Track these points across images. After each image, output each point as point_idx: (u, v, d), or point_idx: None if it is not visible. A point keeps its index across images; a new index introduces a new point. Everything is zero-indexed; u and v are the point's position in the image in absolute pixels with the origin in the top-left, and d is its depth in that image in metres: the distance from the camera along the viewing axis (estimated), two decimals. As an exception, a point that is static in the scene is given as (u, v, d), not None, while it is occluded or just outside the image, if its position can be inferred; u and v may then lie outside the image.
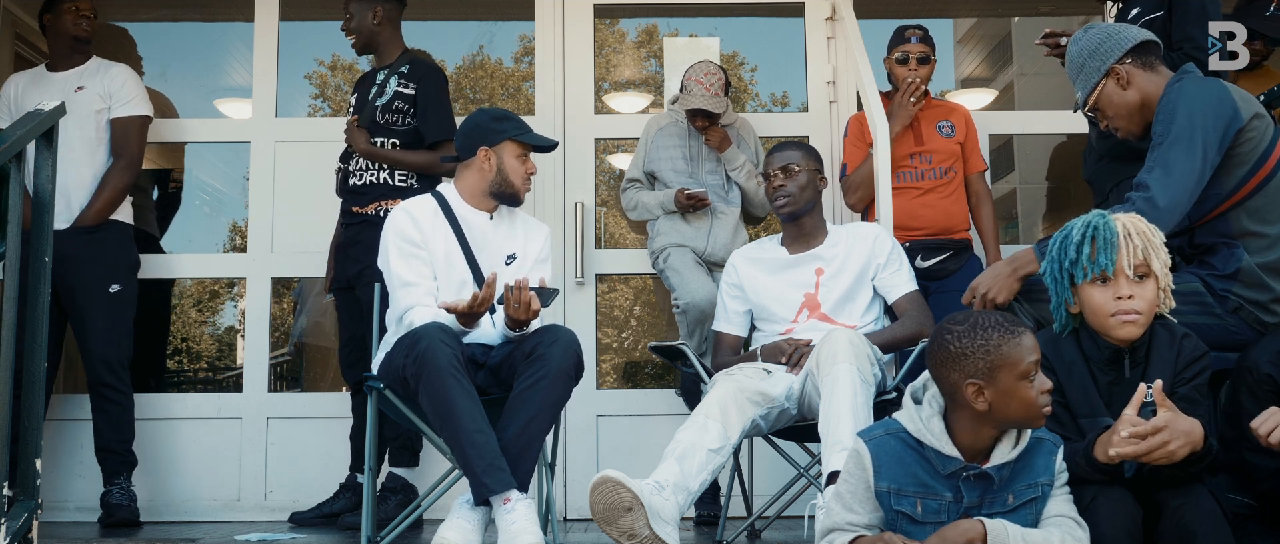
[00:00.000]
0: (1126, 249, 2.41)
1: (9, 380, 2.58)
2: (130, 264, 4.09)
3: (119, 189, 4.04)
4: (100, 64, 4.18)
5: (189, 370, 6.73)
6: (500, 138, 3.27)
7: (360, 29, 4.04)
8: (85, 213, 3.97)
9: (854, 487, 2.31)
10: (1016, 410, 2.21)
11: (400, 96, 3.96)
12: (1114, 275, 2.41)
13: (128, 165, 4.07)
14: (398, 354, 2.98)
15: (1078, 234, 2.45)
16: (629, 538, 2.67)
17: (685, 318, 3.84)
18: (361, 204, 3.93)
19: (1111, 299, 2.41)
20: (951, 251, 3.96)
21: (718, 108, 4.01)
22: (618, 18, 5.15)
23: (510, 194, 3.29)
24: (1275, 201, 2.72)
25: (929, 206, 3.97)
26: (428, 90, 3.98)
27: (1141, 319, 2.42)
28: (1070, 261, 2.45)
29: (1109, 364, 2.46)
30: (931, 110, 4.10)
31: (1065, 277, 2.47)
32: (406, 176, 3.94)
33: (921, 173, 4.00)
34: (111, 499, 3.90)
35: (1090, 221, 2.45)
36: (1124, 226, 2.44)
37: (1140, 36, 2.89)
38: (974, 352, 2.19)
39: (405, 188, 3.90)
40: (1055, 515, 2.27)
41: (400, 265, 3.19)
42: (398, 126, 3.96)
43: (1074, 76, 2.96)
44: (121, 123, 4.09)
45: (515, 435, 2.90)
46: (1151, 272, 2.43)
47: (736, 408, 3.00)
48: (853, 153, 4.07)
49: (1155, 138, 2.76)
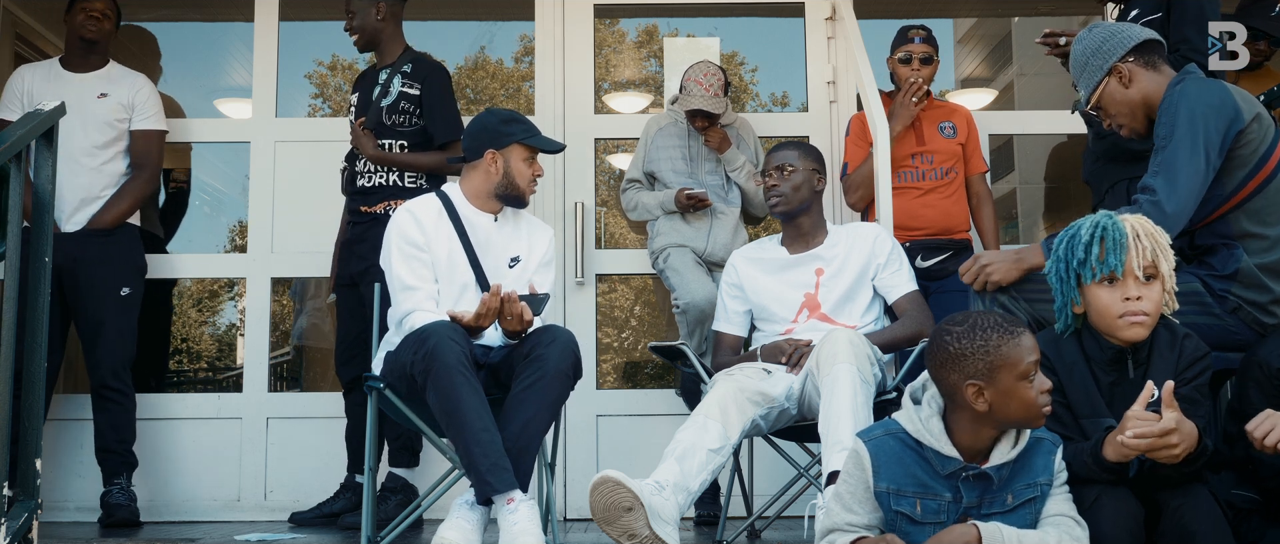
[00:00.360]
0: (1136, 250, 2.41)
1: (9, 380, 2.58)
2: (139, 267, 4.11)
3: (138, 198, 4.09)
4: (121, 71, 4.18)
5: (189, 370, 6.74)
6: (508, 141, 3.26)
7: (363, 26, 4.03)
8: (101, 215, 3.99)
9: (853, 487, 2.31)
10: (1016, 411, 2.21)
11: (406, 97, 3.96)
12: (1123, 276, 2.41)
13: (149, 177, 4.14)
14: (405, 351, 2.98)
15: (1086, 234, 2.44)
16: (629, 538, 2.67)
17: (685, 318, 3.84)
18: (370, 204, 3.93)
19: (1119, 300, 2.40)
20: (952, 251, 3.96)
21: (717, 108, 4.01)
22: (618, 18, 5.15)
23: (516, 196, 3.29)
24: (1275, 203, 2.72)
25: (930, 207, 3.97)
26: (433, 90, 3.97)
27: (1148, 320, 2.41)
28: (1078, 261, 2.44)
29: (1111, 364, 2.46)
30: (933, 111, 4.11)
31: (1072, 276, 2.46)
32: (416, 177, 3.94)
33: (923, 173, 4.00)
34: (111, 499, 3.90)
35: (1099, 222, 2.44)
36: (1133, 228, 2.43)
37: (1143, 35, 2.89)
38: (974, 352, 2.19)
39: (415, 188, 3.89)
40: (1054, 514, 2.28)
41: (402, 268, 3.18)
42: (405, 128, 3.96)
43: (1077, 75, 2.97)
44: (144, 136, 4.12)
45: (514, 436, 2.90)
46: (1159, 273, 2.42)
47: (736, 408, 3.00)
48: (854, 152, 4.07)
49: (1158, 141, 2.77)
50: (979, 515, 2.26)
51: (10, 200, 2.66)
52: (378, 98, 3.98)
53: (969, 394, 2.20)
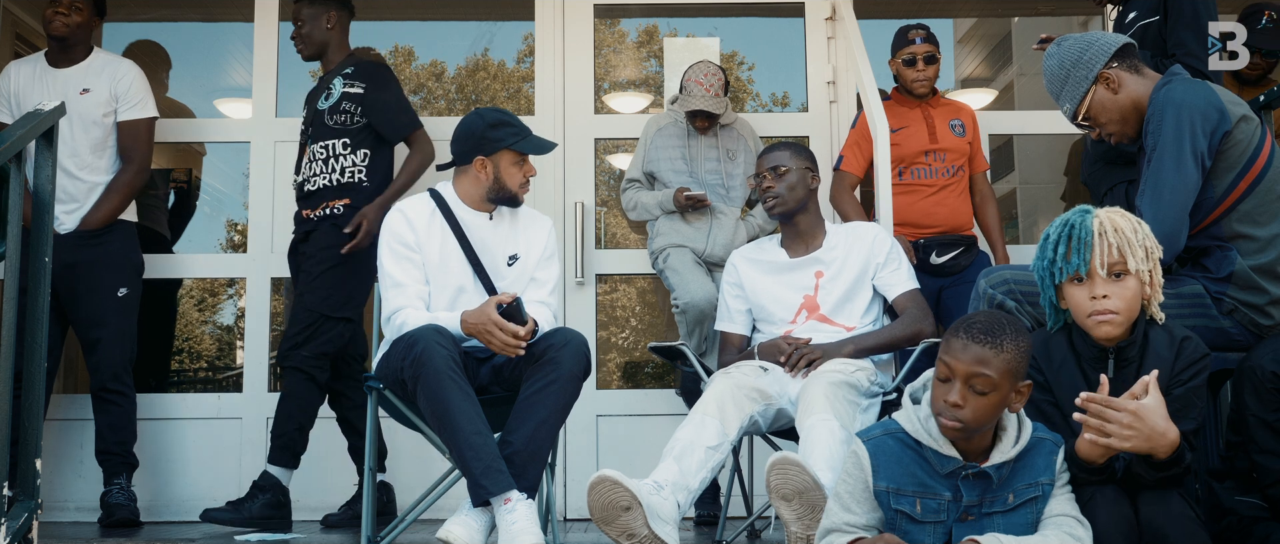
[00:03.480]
0: (1100, 248, 2.39)
1: (9, 380, 2.59)
2: (136, 266, 4.06)
3: (128, 192, 4.01)
4: (105, 61, 4.09)
5: (189, 370, 6.73)
6: (496, 147, 3.20)
7: (312, 35, 4.02)
8: (92, 215, 3.93)
9: (852, 487, 2.31)
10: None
11: (348, 97, 3.94)
12: (1088, 275, 2.40)
13: (139, 169, 4.04)
14: (395, 356, 2.98)
15: (1055, 233, 2.46)
16: (628, 538, 2.67)
17: (684, 318, 3.84)
18: (312, 207, 3.93)
19: (1087, 299, 2.40)
20: (963, 247, 4.00)
21: (717, 108, 4.01)
22: (618, 18, 5.15)
23: (508, 198, 3.27)
24: (1265, 204, 2.71)
25: (942, 205, 4.00)
26: (376, 90, 3.96)
27: (1119, 319, 2.39)
28: (1048, 261, 2.45)
29: (1097, 363, 2.45)
30: (943, 108, 4.13)
31: (1047, 275, 2.47)
32: (355, 171, 3.91)
33: (935, 171, 4.03)
34: (111, 499, 3.89)
35: (1068, 220, 2.45)
36: (1100, 224, 2.41)
37: (1119, 40, 2.89)
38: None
39: (351, 183, 3.90)
40: (1056, 515, 2.28)
41: (392, 265, 3.17)
42: (346, 126, 3.94)
43: (1058, 90, 2.94)
44: (130, 126, 4.04)
45: (526, 439, 2.89)
46: (1128, 271, 2.40)
47: (734, 405, 3.00)
48: (852, 153, 4.07)
49: (1146, 151, 2.77)
50: (979, 514, 2.26)
51: (10, 200, 2.66)
52: (320, 101, 3.98)
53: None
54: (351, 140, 3.93)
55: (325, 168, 3.93)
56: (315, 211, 3.91)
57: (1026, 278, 2.79)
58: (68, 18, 4.01)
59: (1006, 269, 2.86)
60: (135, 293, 4.02)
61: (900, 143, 3.94)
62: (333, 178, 3.91)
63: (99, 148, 4.00)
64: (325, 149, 3.94)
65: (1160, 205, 2.66)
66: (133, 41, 4.77)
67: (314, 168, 3.94)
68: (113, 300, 3.94)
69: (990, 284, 2.80)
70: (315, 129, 3.97)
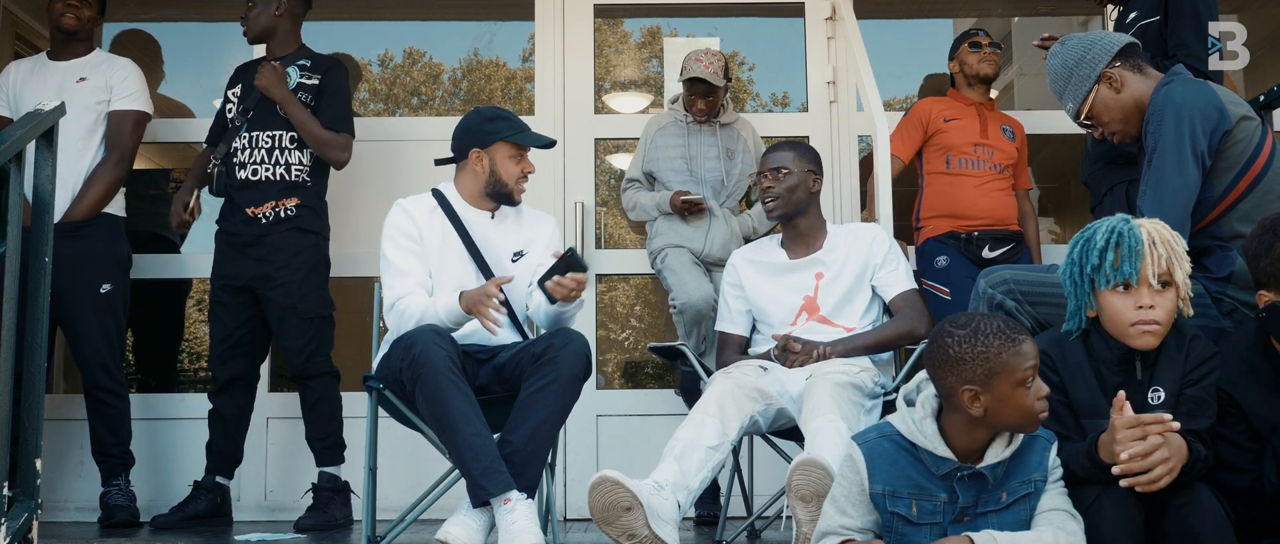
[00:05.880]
0: (1151, 258, 2.37)
1: (9, 380, 2.59)
2: (120, 261, 3.99)
3: (110, 184, 3.95)
4: (104, 57, 4.11)
5: (189, 370, 6.73)
6: (492, 139, 3.22)
7: (259, 17, 4.02)
8: (73, 208, 3.87)
9: (848, 490, 2.31)
10: (1012, 416, 2.20)
11: (303, 87, 3.93)
12: (1137, 284, 2.37)
13: (119, 160, 3.98)
14: (394, 357, 2.98)
15: (1101, 239, 2.40)
16: (628, 538, 2.67)
17: (682, 318, 3.84)
18: (257, 204, 3.87)
19: (1132, 308, 2.37)
20: (1014, 244, 4.06)
21: (716, 81, 4.00)
22: (618, 18, 5.15)
23: (505, 195, 3.26)
24: (1265, 203, 2.71)
25: (988, 196, 4.05)
26: (332, 82, 3.95)
27: (1160, 329, 2.38)
28: (1093, 267, 2.40)
29: (1120, 366, 2.43)
30: (996, 114, 4.22)
31: (1086, 281, 2.42)
32: (300, 169, 3.90)
33: (982, 163, 4.08)
34: (111, 500, 3.89)
35: (1115, 227, 2.40)
36: (1149, 234, 2.39)
37: (1123, 40, 2.89)
38: (973, 357, 2.17)
39: (298, 182, 3.88)
40: (1048, 510, 2.27)
41: (395, 254, 3.17)
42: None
43: (1061, 89, 2.94)
44: (117, 116, 4.01)
45: (525, 438, 2.89)
46: (1174, 281, 2.39)
47: (734, 404, 3.01)
48: (902, 137, 4.08)
49: (1146, 151, 2.77)
50: (975, 514, 2.26)
51: (10, 200, 2.66)
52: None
53: (965, 399, 2.19)
54: (299, 137, 3.91)
55: (269, 159, 3.89)
56: (262, 209, 3.86)
57: (1027, 278, 2.79)
58: (78, 11, 4.03)
59: (1006, 269, 2.86)
60: (121, 289, 3.96)
61: (952, 131, 4.04)
62: (277, 171, 3.89)
63: (88, 137, 3.96)
64: (272, 139, 3.90)
65: (1161, 206, 2.66)
66: (120, 31, 4.74)
67: (256, 156, 3.90)
68: (95, 297, 3.88)
69: (990, 284, 2.80)
70: (259, 115, 3.93)
